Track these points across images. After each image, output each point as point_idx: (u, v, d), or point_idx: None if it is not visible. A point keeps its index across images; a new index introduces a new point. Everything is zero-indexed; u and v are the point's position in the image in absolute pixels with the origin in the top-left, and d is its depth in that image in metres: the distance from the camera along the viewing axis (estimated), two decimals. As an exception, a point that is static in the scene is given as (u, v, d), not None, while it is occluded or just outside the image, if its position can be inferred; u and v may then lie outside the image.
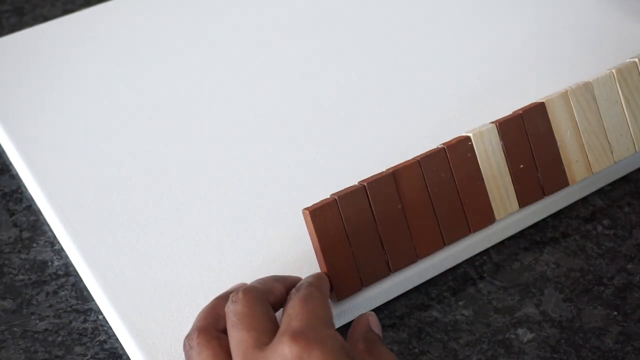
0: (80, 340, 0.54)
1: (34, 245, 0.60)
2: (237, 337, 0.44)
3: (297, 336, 0.43)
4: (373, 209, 0.53)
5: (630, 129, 0.60)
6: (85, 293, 0.57)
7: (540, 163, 0.57)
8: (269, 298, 0.47)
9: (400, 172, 0.53)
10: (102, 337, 0.54)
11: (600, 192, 0.62)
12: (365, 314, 0.50)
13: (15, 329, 0.55)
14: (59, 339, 0.54)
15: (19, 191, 0.63)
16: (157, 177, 0.61)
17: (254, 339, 0.44)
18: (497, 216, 0.57)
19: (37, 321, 0.55)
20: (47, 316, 0.55)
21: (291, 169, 0.61)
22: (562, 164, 0.58)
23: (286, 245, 0.56)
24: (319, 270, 0.53)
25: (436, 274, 0.57)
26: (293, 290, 0.48)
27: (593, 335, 0.54)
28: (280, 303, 0.48)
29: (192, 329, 0.47)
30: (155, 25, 0.74)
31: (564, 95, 0.58)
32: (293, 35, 0.72)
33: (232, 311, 0.46)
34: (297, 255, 0.56)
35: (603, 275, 0.57)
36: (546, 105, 0.57)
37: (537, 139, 0.57)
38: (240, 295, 0.46)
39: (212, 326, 0.47)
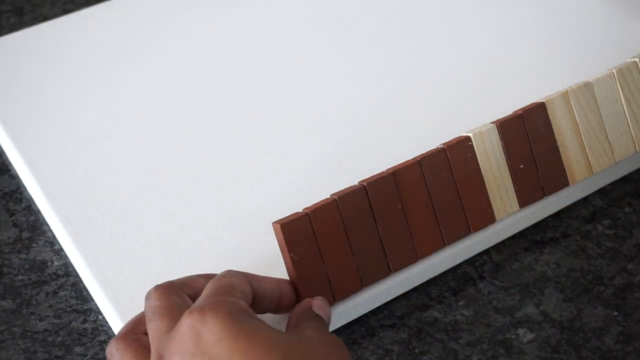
0: (80, 340, 0.54)
1: (34, 245, 0.59)
2: (152, 328, 0.44)
3: (193, 309, 0.43)
4: (373, 209, 0.53)
5: (631, 129, 0.60)
6: (85, 293, 0.57)
7: (540, 163, 0.57)
8: (184, 289, 0.47)
9: (400, 172, 0.53)
10: (102, 337, 0.54)
11: (600, 192, 0.62)
12: (310, 298, 0.49)
13: (15, 329, 0.55)
14: (59, 339, 0.54)
15: (19, 191, 0.63)
16: (156, 178, 0.61)
17: (166, 326, 0.44)
18: (497, 216, 0.57)
19: (37, 321, 0.55)
20: (47, 316, 0.55)
21: (291, 169, 0.61)
22: (562, 164, 0.58)
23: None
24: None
25: (436, 274, 0.57)
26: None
27: (593, 336, 0.54)
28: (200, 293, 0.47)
29: (110, 341, 0.47)
30: (155, 25, 0.74)
31: (564, 95, 0.58)
32: (294, 34, 0.72)
33: (147, 308, 0.46)
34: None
35: (603, 275, 0.57)
36: (546, 105, 0.57)
37: (537, 139, 0.57)
38: (152, 291, 0.46)
39: (130, 331, 0.47)
